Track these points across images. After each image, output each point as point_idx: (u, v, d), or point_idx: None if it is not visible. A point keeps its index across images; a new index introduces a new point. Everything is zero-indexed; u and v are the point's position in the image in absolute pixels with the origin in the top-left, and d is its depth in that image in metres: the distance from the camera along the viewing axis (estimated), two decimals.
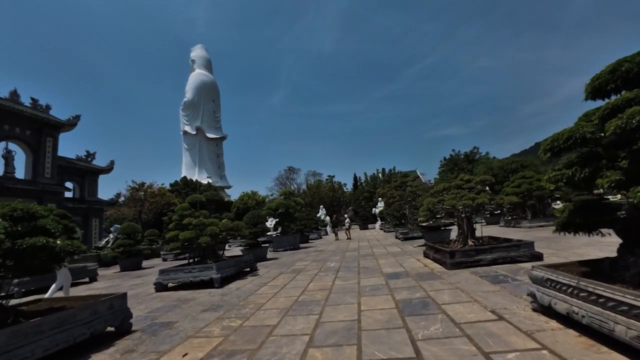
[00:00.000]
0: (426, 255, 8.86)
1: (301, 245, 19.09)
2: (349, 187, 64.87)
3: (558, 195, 16.10)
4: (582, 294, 3.05)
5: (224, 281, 7.95)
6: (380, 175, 54.75)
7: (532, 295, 3.86)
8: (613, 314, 2.68)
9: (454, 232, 13.04)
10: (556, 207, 15.96)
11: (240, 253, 12.78)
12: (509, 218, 17.23)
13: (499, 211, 18.14)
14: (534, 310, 3.84)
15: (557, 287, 3.41)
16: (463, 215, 7.69)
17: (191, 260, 8.75)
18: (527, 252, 6.84)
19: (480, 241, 7.69)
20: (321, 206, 38.57)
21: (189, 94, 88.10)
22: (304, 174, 68.55)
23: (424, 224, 13.03)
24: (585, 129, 2.89)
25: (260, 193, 51.86)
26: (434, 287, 5.48)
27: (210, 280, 7.57)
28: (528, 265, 6.54)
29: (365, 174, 57.66)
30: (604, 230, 3.68)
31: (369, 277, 6.93)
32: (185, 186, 49.27)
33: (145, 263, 16.20)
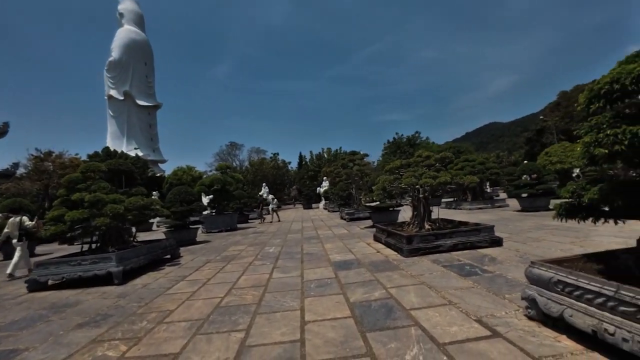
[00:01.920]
0: (377, 239, 7.98)
1: (240, 226, 17.42)
2: (294, 165, 63.51)
3: (502, 179, 16.81)
4: (624, 309, 2.13)
5: (129, 275, 6.17)
6: (325, 154, 54.18)
7: (529, 299, 2.95)
8: None
9: (403, 214, 12.56)
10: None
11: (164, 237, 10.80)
12: (451, 200, 17.52)
13: (439, 193, 18.34)
14: (530, 318, 2.95)
15: (577, 294, 2.49)
16: (421, 196, 6.83)
17: (88, 248, 6.72)
18: (487, 237, 6.23)
19: (437, 224, 6.95)
20: (264, 184, 36.69)
21: (115, 53, 77.24)
22: (247, 151, 65.24)
23: (372, 204, 12.29)
24: None
25: (198, 169, 48.12)
26: (394, 281, 4.46)
27: (109, 275, 5.74)
28: (489, 251, 5.92)
29: (311, 152, 56.61)
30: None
31: (314, 267, 5.74)
32: (108, 157, 43.38)
33: (43, 248, 13.18)
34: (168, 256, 8.05)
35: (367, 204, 13.16)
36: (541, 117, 45.70)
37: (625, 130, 1.95)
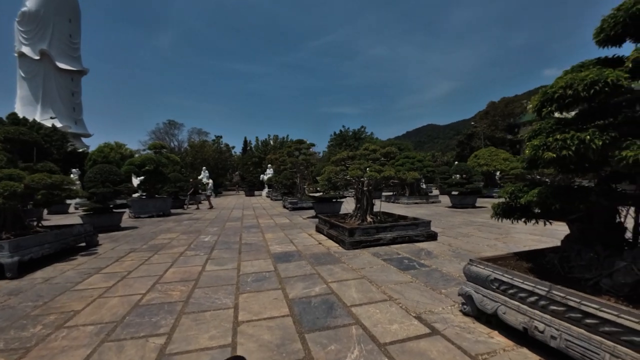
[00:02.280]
0: (319, 230, 7.87)
1: (175, 211, 16.13)
2: (238, 150, 61.23)
3: (434, 177, 18.06)
4: (554, 308, 2.20)
5: (29, 267, 5.18)
6: (272, 141, 53.10)
7: (466, 296, 3.01)
8: (612, 344, 1.85)
9: (345, 205, 12.69)
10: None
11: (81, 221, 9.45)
12: (391, 194, 18.30)
13: (382, 187, 19.05)
14: (466, 314, 3.01)
15: (511, 292, 2.56)
16: (365, 189, 6.84)
17: None
18: (424, 232, 6.47)
19: (378, 217, 7.05)
20: (204, 168, 34.68)
21: (30, 2, 65.79)
22: (188, 131, 61.09)
23: (315, 194, 12.20)
24: (611, 75, 1.87)
25: (129, 147, 43.71)
26: (335, 275, 4.33)
27: (0, 267, 4.73)
28: (426, 245, 6.15)
29: (256, 138, 54.96)
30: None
31: (252, 259, 5.39)
32: (15, 126, 37.08)
33: None
34: (83, 244, 7.01)
35: (311, 194, 13.06)
36: (472, 123, 50.22)
37: (573, 136, 1.95)
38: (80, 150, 47.58)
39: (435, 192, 24.96)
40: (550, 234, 6.82)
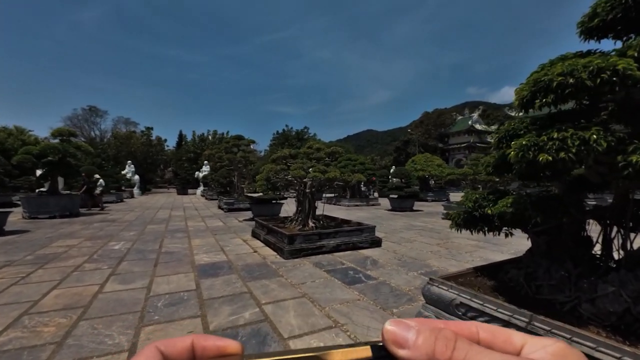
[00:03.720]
0: (255, 236, 7.07)
1: (87, 210, 13.78)
2: (172, 144, 56.65)
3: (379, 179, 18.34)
4: None
5: None
6: (210, 137, 50.05)
7: None
8: None
9: (285, 207, 11.98)
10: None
11: None
12: (332, 196, 18.08)
13: (325, 188, 18.79)
14: None
15: (482, 320, 2.14)
16: (307, 190, 6.25)
17: None
18: (369, 238, 6.10)
19: (321, 222, 6.51)
20: (129, 162, 31.04)
21: None
22: (113, 120, 54.73)
23: (253, 195, 11.30)
24: (620, 63, 1.51)
25: (35, 133, 37.47)
26: (271, 293, 3.63)
27: None
28: (370, 252, 5.75)
29: (193, 132, 51.34)
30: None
31: (170, 274, 4.42)
32: None
33: None
34: None
35: (249, 195, 12.11)
36: (409, 130, 53.41)
37: (574, 135, 1.55)
38: None
39: (374, 194, 25.57)
40: (486, 239, 6.97)
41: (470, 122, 46.92)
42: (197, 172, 31.47)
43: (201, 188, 29.05)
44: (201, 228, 8.79)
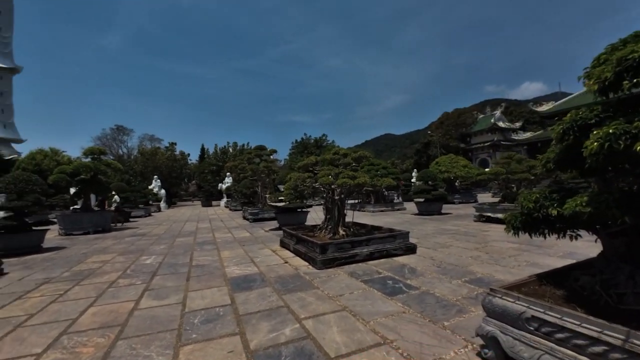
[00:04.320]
0: (284, 245, 6.93)
1: (117, 225, 14.18)
2: (195, 158, 58.08)
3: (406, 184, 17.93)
4: None
5: None
6: (231, 149, 50.96)
7: (488, 337, 2.29)
8: None
9: (312, 215, 11.82)
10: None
11: None
12: (355, 202, 17.79)
13: (354, 195, 18.57)
14: None
15: (560, 337, 1.87)
16: (336, 197, 6.07)
17: None
18: (403, 244, 5.83)
19: (351, 229, 6.30)
20: (155, 177, 32.02)
21: None
22: (138, 138, 56.87)
23: (278, 204, 11.23)
24: None
25: (67, 153, 39.41)
26: (309, 307, 3.45)
27: None
28: (406, 259, 5.48)
29: (215, 145, 52.41)
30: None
31: (203, 288, 4.33)
32: None
33: None
34: None
35: (273, 204, 12.06)
36: (428, 132, 52.35)
37: None
38: (9, 157, 41.91)
39: (399, 199, 25.02)
40: (528, 242, 6.52)
41: (492, 120, 45.44)
42: (220, 184, 32.00)
43: (225, 199, 29.46)
44: (229, 239, 8.77)
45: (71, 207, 13.52)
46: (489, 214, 9.53)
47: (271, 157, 15.99)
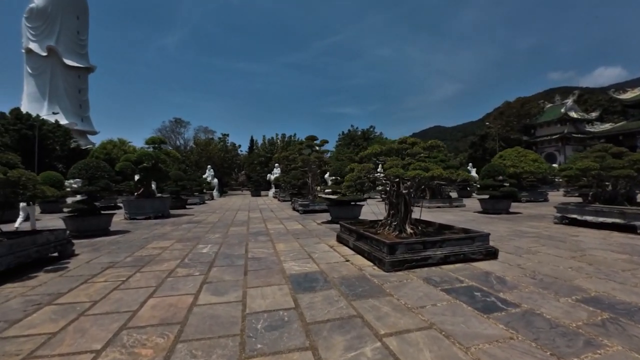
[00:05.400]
0: (342, 241, 6.47)
1: (174, 212, 14.87)
2: (244, 149, 60.17)
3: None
4: None
5: None
6: (279, 140, 51.84)
7: None
8: None
9: (365, 208, 11.24)
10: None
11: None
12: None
13: (422, 188, 17.65)
14: None
15: None
16: (404, 191, 5.43)
17: None
18: (482, 248, 5.03)
19: (419, 228, 5.63)
20: (209, 166, 33.54)
21: None
22: (194, 129, 60.29)
23: (331, 197, 10.81)
24: None
25: (133, 144, 42.83)
26: (386, 319, 2.93)
27: None
28: (487, 266, 4.68)
29: (263, 137, 53.70)
30: None
31: (262, 284, 4.01)
32: (18, 121, 36.32)
33: None
34: (55, 254, 5.71)
35: (326, 196, 11.68)
36: (487, 123, 48.43)
37: None
38: (85, 147, 46.79)
39: (453, 194, 23.37)
40: (633, 250, 5.36)
41: (563, 110, 40.61)
42: (268, 175, 32.60)
43: (273, 190, 29.94)
44: (281, 231, 8.54)
45: (135, 194, 14.37)
46: (574, 216, 8.19)
47: (323, 146, 15.60)
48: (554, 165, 30.10)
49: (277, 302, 3.42)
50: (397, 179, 5.68)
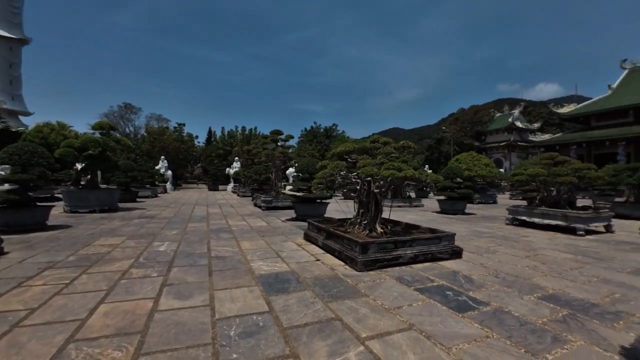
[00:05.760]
0: (310, 239, 6.34)
1: (124, 205, 13.73)
2: (202, 141, 57.63)
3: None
4: None
5: None
6: (239, 133, 50.34)
7: None
8: None
9: (331, 206, 11.22)
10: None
11: None
12: None
13: (391, 188, 17.91)
14: None
15: None
16: (376, 190, 5.44)
17: None
18: (448, 247, 5.19)
19: (389, 227, 5.68)
20: (162, 157, 31.55)
21: None
22: (146, 117, 56.30)
23: (296, 193, 10.63)
24: None
25: (74, 128, 38.99)
26: (366, 322, 2.85)
27: None
28: (454, 265, 4.82)
29: (222, 129, 51.78)
30: None
31: (231, 286, 3.75)
32: None
33: None
34: None
35: (291, 193, 11.48)
36: (442, 127, 51.15)
37: None
38: (16, 129, 41.60)
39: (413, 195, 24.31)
40: (583, 252, 5.88)
41: (510, 119, 44.20)
42: (227, 169, 31.49)
43: (232, 184, 28.99)
44: (245, 228, 8.19)
45: (77, 183, 12.99)
46: (524, 218, 8.85)
47: (289, 141, 15.32)
48: (500, 170, 32.57)
49: (248, 305, 3.19)
50: (369, 178, 5.67)
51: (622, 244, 6.64)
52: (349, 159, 6.24)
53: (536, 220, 8.51)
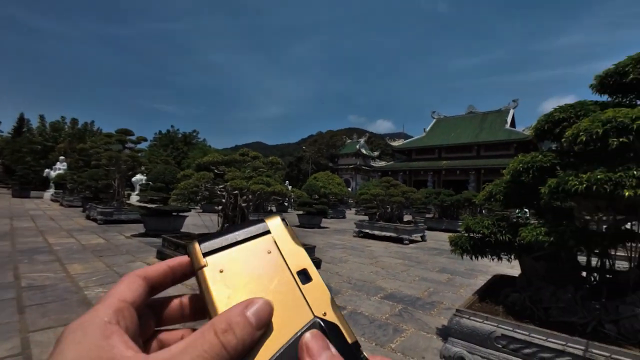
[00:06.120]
0: (164, 258, 5.64)
1: None
2: (7, 130, 43.58)
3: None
4: None
5: None
6: (67, 126, 40.54)
7: (454, 358, 2.25)
8: None
9: (189, 220, 10.28)
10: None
11: None
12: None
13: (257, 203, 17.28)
14: None
15: (528, 352, 1.99)
16: (244, 204, 5.41)
17: None
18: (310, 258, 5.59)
19: None
20: None
21: None
22: None
23: (148, 205, 9.33)
24: None
25: None
26: None
27: None
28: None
29: (41, 117, 40.37)
30: None
31: (56, 325, 2.92)
32: None
33: None
34: None
35: (140, 204, 9.98)
36: (303, 147, 55.32)
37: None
38: None
39: (272, 209, 25.00)
40: (408, 257, 7.38)
41: (357, 147, 51.90)
42: (47, 170, 24.76)
43: (52, 190, 22.90)
44: (74, 247, 6.57)
45: None
46: (367, 230, 10.46)
47: (140, 144, 13.33)
48: (349, 189, 37.50)
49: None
50: (236, 191, 5.58)
51: (432, 250, 8.72)
52: (215, 170, 5.97)
53: (376, 232, 10.21)
